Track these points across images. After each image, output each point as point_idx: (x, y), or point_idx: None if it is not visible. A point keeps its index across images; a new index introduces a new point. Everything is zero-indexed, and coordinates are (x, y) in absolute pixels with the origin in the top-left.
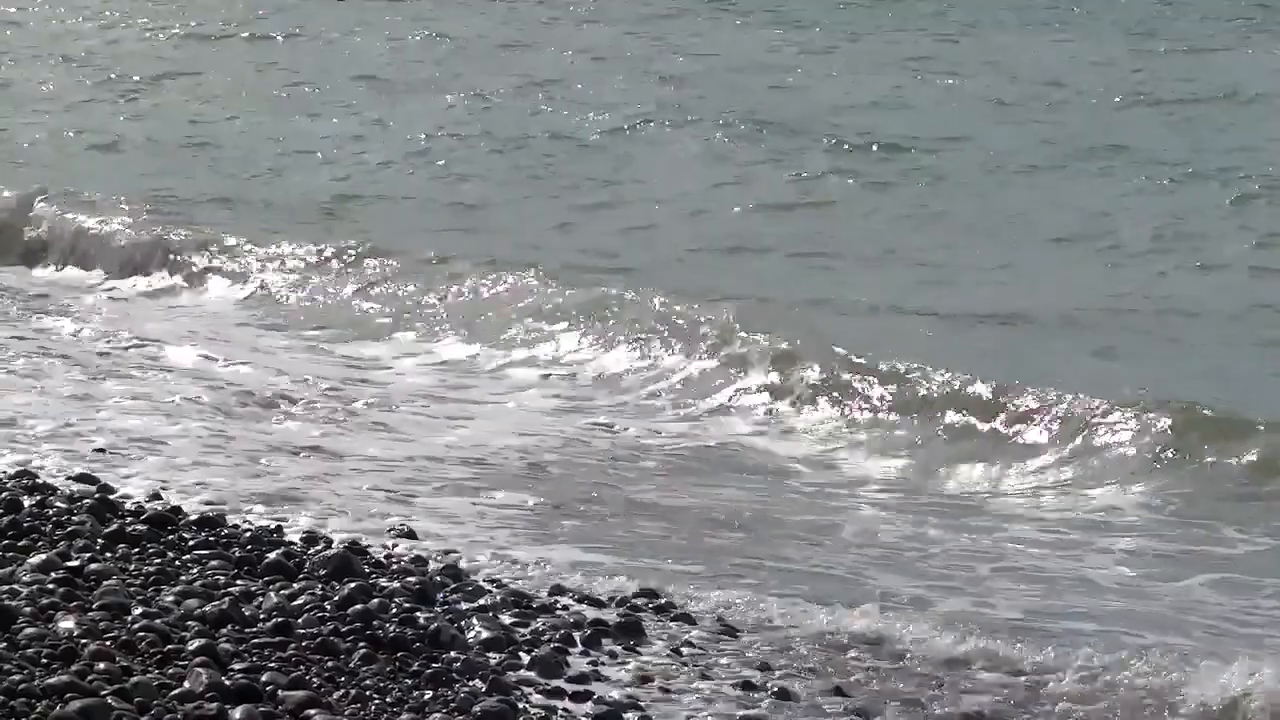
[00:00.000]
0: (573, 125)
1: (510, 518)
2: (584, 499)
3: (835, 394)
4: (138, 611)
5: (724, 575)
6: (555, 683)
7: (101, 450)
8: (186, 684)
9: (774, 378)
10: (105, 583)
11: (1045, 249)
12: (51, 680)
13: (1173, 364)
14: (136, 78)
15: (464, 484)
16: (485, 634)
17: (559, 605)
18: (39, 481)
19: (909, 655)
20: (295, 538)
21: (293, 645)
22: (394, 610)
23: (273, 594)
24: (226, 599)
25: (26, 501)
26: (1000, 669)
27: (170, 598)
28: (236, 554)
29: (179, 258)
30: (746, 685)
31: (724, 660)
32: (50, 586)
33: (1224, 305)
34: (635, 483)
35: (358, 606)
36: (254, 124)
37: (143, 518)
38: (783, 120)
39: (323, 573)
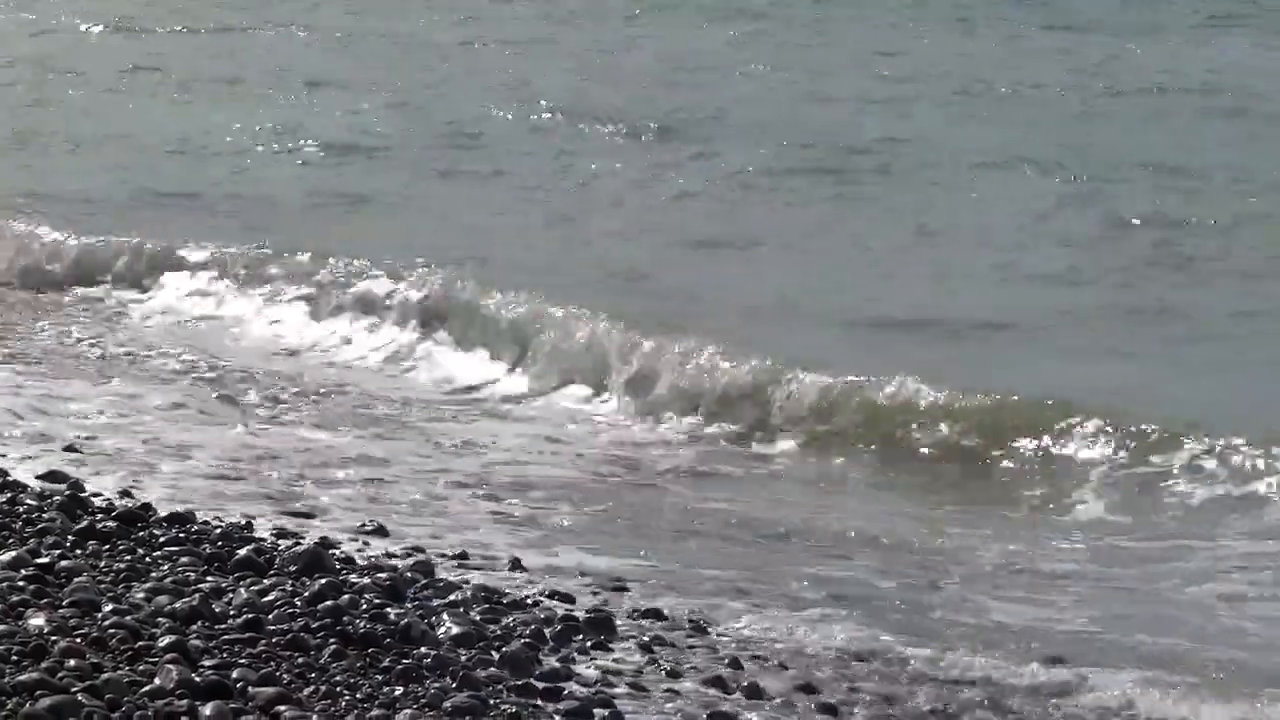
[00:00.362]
0: (513, 124)
1: (494, 516)
2: (565, 501)
3: (816, 407)
4: (108, 608)
5: (704, 574)
6: (526, 679)
7: (72, 449)
8: (157, 681)
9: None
10: (75, 579)
11: (995, 249)
12: (22, 677)
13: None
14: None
15: (448, 484)
16: (456, 630)
17: (530, 600)
18: (9, 479)
19: (883, 656)
20: (266, 534)
21: (263, 641)
22: (365, 606)
23: (243, 590)
24: (197, 595)
25: None
26: (971, 670)
27: (141, 594)
28: (207, 550)
29: (142, 262)
30: (717, 681)
31: (695, 657)
32: (20, 584)
33: (1185, 306)
34: (623, 487)
35: (328, 603)
36: (204, 124)
37: (113, 514)
38: (724, 118)
39: (293, 569)
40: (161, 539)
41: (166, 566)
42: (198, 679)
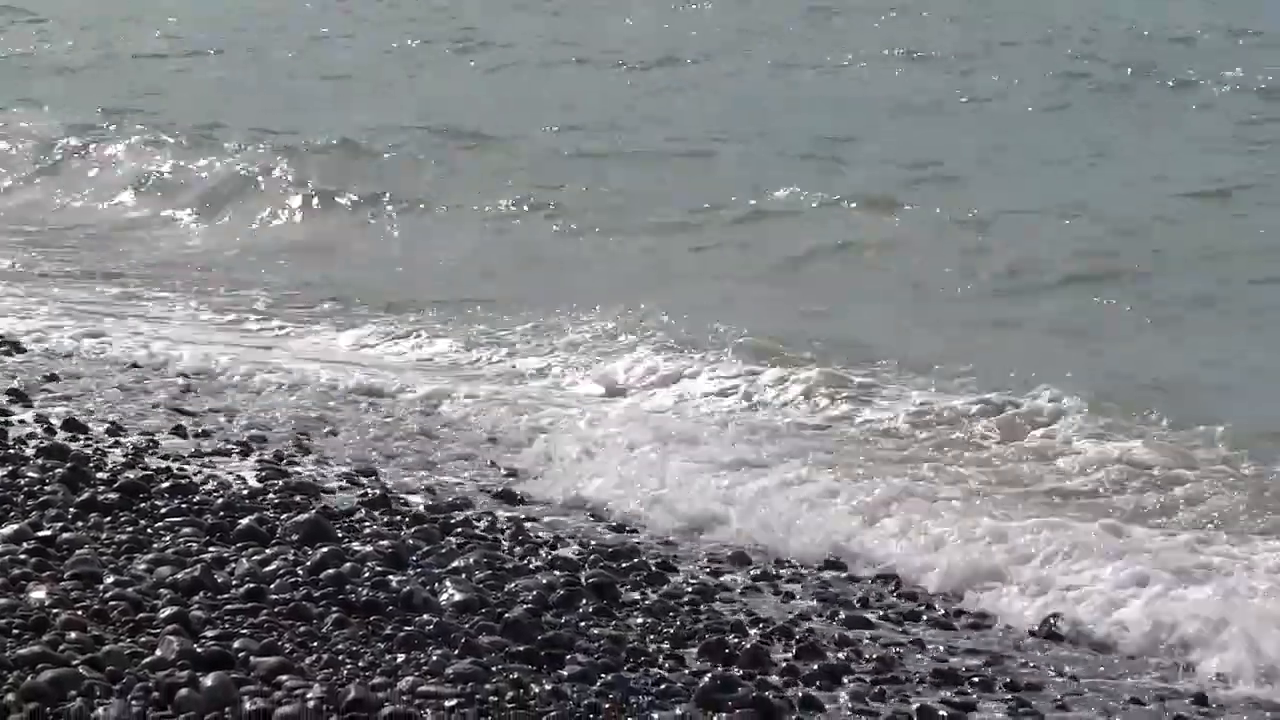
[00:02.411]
0: None
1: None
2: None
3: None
4: (110, 580)
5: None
6: (529, 646)
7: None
8: (158, 652)
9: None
10: (77, 552)
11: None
12: (23, 651)
13: None
14: None
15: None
16: (459, 596)
17: (533, 566)
18: (10, 452)
19: (886, 615)
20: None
21: (265, 611)
22: (367, 574)
23: (245, 560)
24: (199, 566)
25: None
26: (970, 628)
27: (142, 566)
28: (209, 521)
29: None
30: (720, 647)
31: (699, 621)
32: (22, 556)
33: None
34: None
35: (330, 571)
36: None
37: (115, 486)
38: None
39: (295, 538)
40: (164, 510)
41: (169, 537)
42: (199, 650)
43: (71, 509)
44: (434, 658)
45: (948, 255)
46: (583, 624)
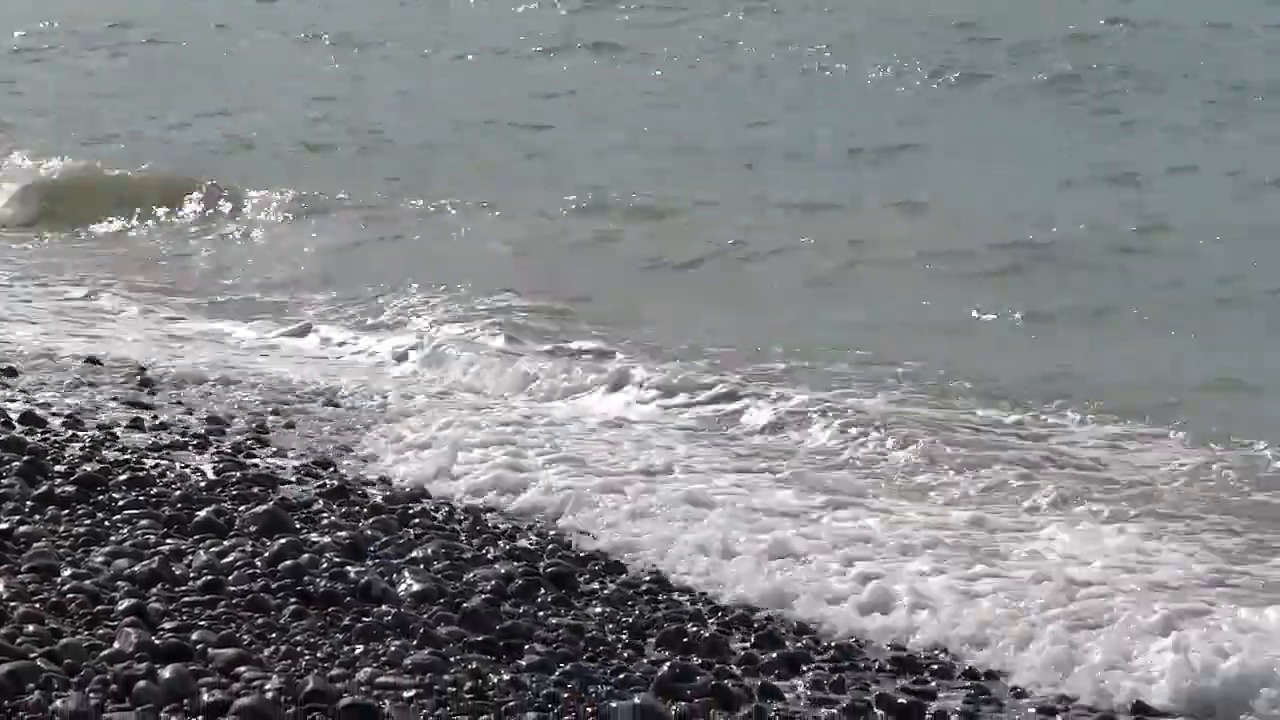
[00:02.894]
0: None
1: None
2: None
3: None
4: (67, 573)
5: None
6: (487, 636)
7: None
8: (116, 644)
9: None
10: (35, 545)
11: None
12: None
13: None
14: None
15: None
16: (417, 586)
17: (491, 556)
18: None
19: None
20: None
21: (223, 603)
22: (325, 565)
23: (203, 552)
24: (156, 558)
25: None
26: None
27: (100, 558)
28: (166, 513)
29: None
30: (679, 635)
31: (658, 612)
32: None
33: None
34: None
35: (288, 562)
36: None
37: (72, 479)
38: None
39: (253, 529)
40: (121, 502)
41: (126, 530)
42: (157, 642)
43: (29, 502)
44: (392, 648)
45: (862, 248)
46: (541, 613)
